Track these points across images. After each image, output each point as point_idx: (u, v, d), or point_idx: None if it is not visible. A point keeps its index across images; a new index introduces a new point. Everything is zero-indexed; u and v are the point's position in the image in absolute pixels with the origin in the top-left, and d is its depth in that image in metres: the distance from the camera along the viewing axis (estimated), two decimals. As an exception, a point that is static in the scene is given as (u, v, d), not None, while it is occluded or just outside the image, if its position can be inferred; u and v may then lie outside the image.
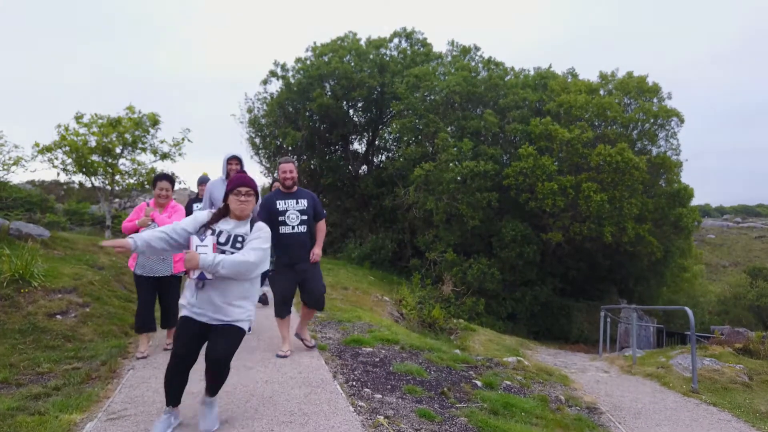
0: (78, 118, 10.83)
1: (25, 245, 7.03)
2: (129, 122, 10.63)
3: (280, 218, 4.43)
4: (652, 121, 13.82)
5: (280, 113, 16.55)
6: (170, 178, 4.82)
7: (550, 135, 13.49)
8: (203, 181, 6.98)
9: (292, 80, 15.92)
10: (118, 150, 10.91)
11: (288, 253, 4.48)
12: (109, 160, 10.79)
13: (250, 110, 18.17)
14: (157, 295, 4.74)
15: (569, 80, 15.86)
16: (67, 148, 10.63)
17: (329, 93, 15.60)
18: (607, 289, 18.43)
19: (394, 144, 15.63)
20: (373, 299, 10.70)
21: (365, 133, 16.89)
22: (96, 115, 10.96)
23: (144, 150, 11.26)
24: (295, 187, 4.59)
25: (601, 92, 14.80)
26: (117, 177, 11.12)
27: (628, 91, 14.53)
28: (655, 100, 14.64)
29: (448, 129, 14.38)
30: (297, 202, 4.51)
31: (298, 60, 16.94)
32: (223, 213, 3.04)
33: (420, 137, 14.48)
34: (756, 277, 38.49)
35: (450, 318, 10.88)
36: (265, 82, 16.57)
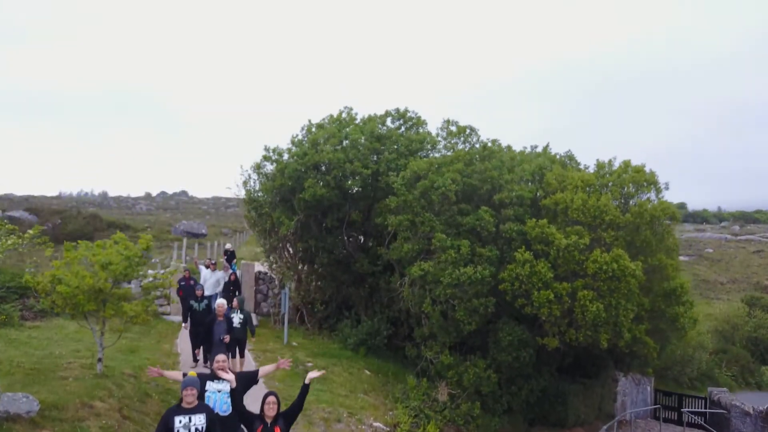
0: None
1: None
2: (121, 260, 10.45)
3: None
4: (649, 220, 13.75)
5: (276, 194, 16.48)
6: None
7: (546, 239, 13.43)
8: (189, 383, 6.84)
9: (285, 166, 15.83)
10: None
11: None
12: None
13: (245, 183, 18.09)
14: None
15: (566, 165, 15.77)
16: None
17: (322, 182, 15.51)
18: (603, 364, 18.42)
19: (389, 232, 15.53)
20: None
21: (361, 218, 16.78)
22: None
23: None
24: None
25: (598, 183, 14.70)
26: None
27: (625, 185, 14.46)
28: (653, 193, 14.58)
29: (445, 224, 14.30)
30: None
31: (293, 141, 16.83)
32: None
33: (416, 234, 14.39)
34: (753, 306, 38.46)
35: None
36: (258, 167, 16.47)
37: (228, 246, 21.71)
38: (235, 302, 11.36)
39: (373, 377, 14.94)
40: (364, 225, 17.26)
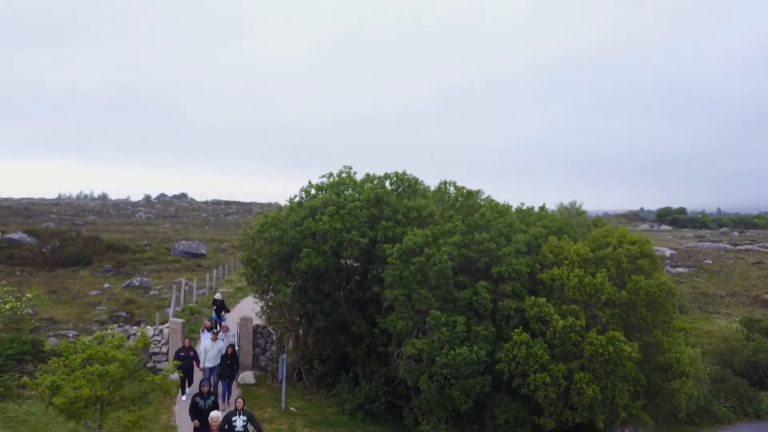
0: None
1: None
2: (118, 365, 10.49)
3: None
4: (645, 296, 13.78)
5: (274, 257, 16.51)
6: None
7: (543, 319, 13.49)
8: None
9: (283, 234, 15.85)
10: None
11: None
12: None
13: (244, 242, 18.09)
14: None
15: (564, 232, 15.81)
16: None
17: (319, 251, 15.52)
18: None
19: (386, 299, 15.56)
20: None
21: (358, 284, 16.83)
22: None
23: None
24: None
25: (594, 257, 14.73)
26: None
27: (620, 259, 14.49)
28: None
29: (441, 299, 14.34)
30: None
31: (291, 205, 16.86)
32: None
33: (412, 308, 14.43)
34: (752, 329, 38.42)
35: None
36: (260, 231, 16.48)
37: (218, 296, 21.66)
38: (239, 402, 11.11)
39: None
40: (361, 287, 17.29)
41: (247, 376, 18.39)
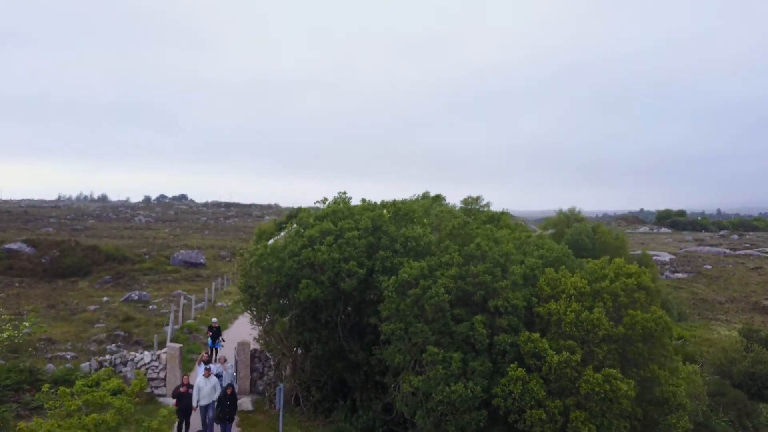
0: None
1: None
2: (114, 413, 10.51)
3: None
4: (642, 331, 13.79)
5: (272, 288, 16.52)
6: None
7: (538, 354, 13.49)
8: None
9: (282, 264, 15.86)
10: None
11: None
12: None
13: (243, 269, 18.10)
14: None
15: (562, 265, 15.80)
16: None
17: (317, 281, 15.53)
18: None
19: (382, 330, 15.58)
20: None
21: (354, 309, 16.84)
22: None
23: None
24: None
25: (591, 290, 14.72)
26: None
27: (618, 293, 14.48)
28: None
29: (438, 333, 14.34)
30: None
31: (289, 234, 16.86)
32: None
33: (409, 341, 14.44)
34: (751, 340, 38.38)
35: None
36: (258, 261, 16.48)
37: (214, 321, 21.65)
38: None
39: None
40: (359, 313, 17.30)
41: (244, 402, 18.41)
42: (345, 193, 17.70)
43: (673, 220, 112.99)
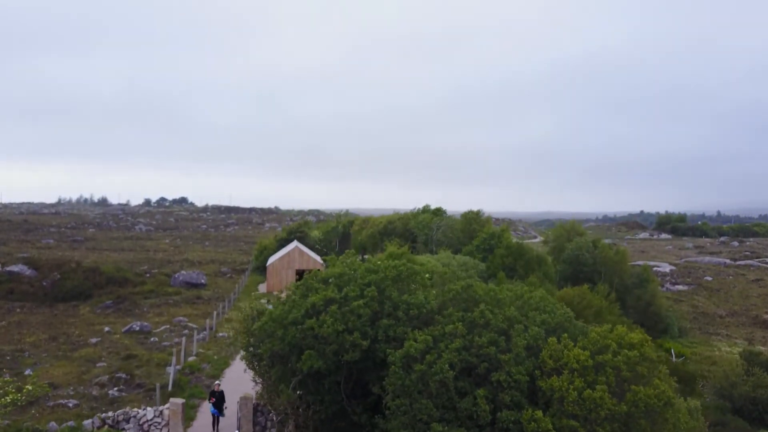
0: None
1: None
2: None
3: None
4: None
5: (275, 353, 16.54)
6: None
7: (542, 435, 13.50)
8: None
9: (285, 334, 15.87)
10: None
11: None
12: None
13: (246, 328, 18.13)
14: None
15: (565, 332, 15.81)
16: None
17: (320, 352, 15.53)
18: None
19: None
20: None
21: (358, 373, 16.86)
22: None
23: None
24: None
25: (594, 364, 14.73)
26: None
27: (620, 369, 14.49)
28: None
29: (442, 408, 14.36)
30: None
31: (291, 298, 16.87)
32: None
33: (413, 417, 14.46)
34: (752, 363, 38.32)
35: None
36: (261, 328, 16.47)
37: (217, 385, 21.23)
38: None
39: None
40: (361, 373, 17.32)
41: (247, 459, 18.45)
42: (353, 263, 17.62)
43: (673, 226, 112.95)
